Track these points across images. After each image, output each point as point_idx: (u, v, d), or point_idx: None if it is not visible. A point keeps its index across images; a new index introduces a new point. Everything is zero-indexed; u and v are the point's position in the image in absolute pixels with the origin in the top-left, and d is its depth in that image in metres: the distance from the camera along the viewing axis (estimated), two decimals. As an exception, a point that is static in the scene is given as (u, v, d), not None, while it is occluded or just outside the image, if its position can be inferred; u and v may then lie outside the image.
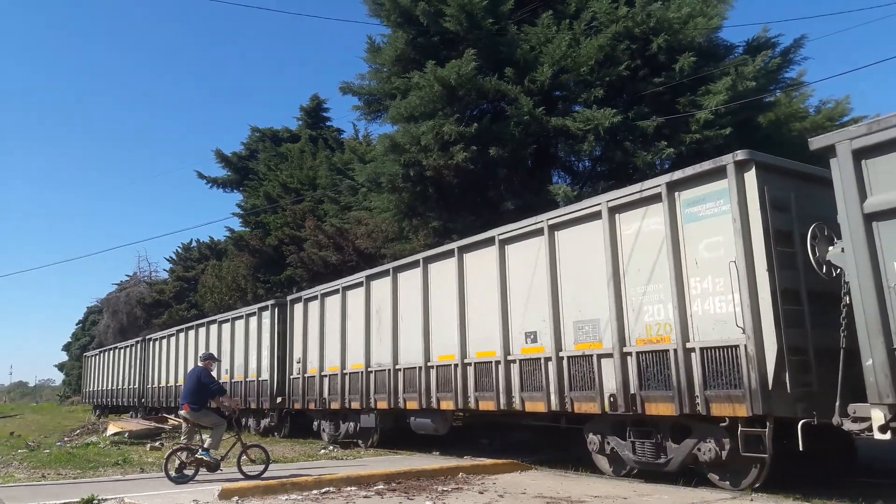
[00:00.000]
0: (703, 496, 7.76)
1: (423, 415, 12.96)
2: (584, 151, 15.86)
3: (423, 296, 13.10)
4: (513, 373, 10.77)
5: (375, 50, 18.34)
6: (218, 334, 22.09)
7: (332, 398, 15.60)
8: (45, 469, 12.15)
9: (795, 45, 16.17)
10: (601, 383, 9.26)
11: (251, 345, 19.78)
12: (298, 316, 17.63)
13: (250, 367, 19.67)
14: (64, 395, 70.05)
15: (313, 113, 38.55)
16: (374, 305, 14.67)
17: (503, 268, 11.31)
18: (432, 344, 12.78)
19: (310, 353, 16.89)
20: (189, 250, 47.70)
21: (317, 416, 16.68)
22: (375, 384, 14.17)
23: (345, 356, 15.36)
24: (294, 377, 17.43)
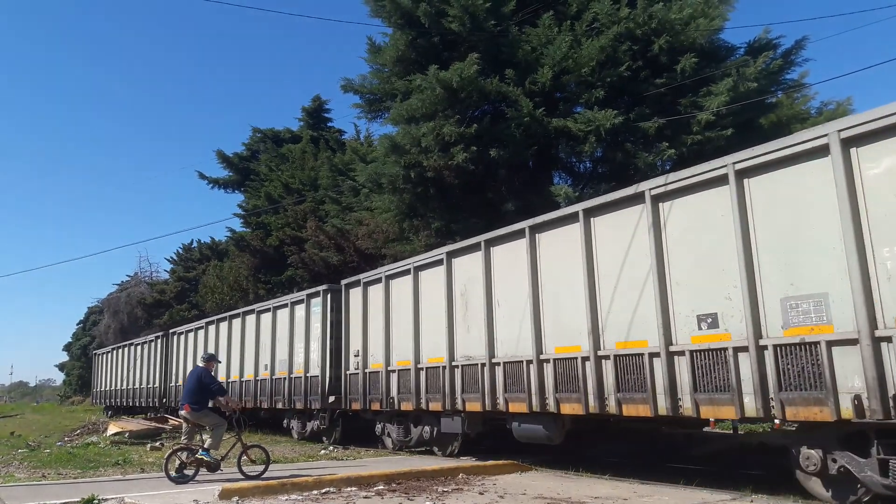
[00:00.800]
0: (704, 497, 7.74)
1: (531, 419, 10.47)
2: (585, 152, 15.85)
3: (530, 273, 10.59)
4: (679, 368, 8.31)
5: (376, 50, 18.35)
6: (255, 326, 19.94)
7: (403, 397, 13.29)
8: (46, 469, 12.16)
9: (797, 47, 16.17)
10: (834, 381, 6.80)
11: (297, 336, 17.59)
12: (356, 302, 15.37)
13: (295, 361, 17.46)
14: (64, 395, 70.08)
15: (315, 114, 38.61)
16: (457, 287, 12.28)
17: (658, 233, 8.71)
18: (545, 332, 10.32)
19: (372, 344, 14.66)
20: (190, 251, 47.76)
21: (380, 418, 14.43)
22: (464, 381, 11.78)
23: (419, 348, 13.09)
24: (351, 373, 15.19)
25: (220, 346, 21.91)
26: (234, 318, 21.48)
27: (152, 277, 54.92)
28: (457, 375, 11.96)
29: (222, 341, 22.05)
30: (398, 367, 13.61)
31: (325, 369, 16.13)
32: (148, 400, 29.06)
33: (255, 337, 19.78)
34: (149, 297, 48.20)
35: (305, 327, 17.13)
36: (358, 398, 14.81)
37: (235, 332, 21.18)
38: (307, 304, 17.21)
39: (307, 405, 16.74)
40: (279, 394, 18.01)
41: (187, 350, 24.90)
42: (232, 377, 20.90)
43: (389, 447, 14.20)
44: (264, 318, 19.56)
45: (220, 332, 22.43)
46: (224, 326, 22.12)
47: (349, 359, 15.41)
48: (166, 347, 27.47)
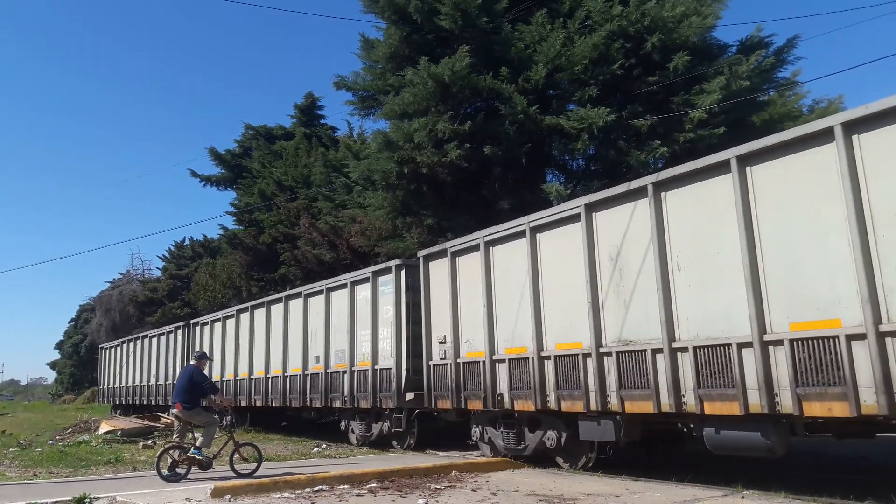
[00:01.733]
0: (695, 493, 7.77)
1: (740, 424, 7.77)
2: (577, 150, 15.91)
3: (742, 222, 7.79)
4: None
5: (369, 46, 18.36)
6: (303, 311, 17.01)
7: (519, 394, 10.57)
8: (37, 468, 12.10)
9: (789, 45, 16.24)
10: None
11: (361, 322, 14.84)
12: (440, 277, 12.67)
13: (359, 352, 14.80)
14: (56, 394, 69.81)
15: (307, 111, 38.51)
16: (603, 250, 9.50)
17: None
18: (771, 302, 7.51)
19: (465, 328, 11.92)
20: (182, 248, 47.60)
21: (478, 420, 11.81)
22: (621, 373, 8.99)
23: (541, 331, 10.32)
24: (436, 363, 12.48)
25: (256, 336, 19.33)
26: (274, 304, 18.71)
27: (144, 275, 54.76)
28: (608, 366, 9.19)
29: (258, 330, 19.35)
30: (508, 356, 10.80)
31: (401, 360, 13.43)
32: (165, 398, 26.21)
33: (302, 324, 16.93)
34: (141, 294, 48.02)
35: (372, 311, 14.38)
36: (446, 395, 12.08)
37: (276, 320, 18.40)
38: (373, 283, 14.46)
39: (376, 403, 14.02)
40: (336, 390, 15.25)
41: (213, 341, 22.34)
42: (272, 372, 18.20)
43: (489, 455, 11.55)
44: (315, 301, 16.72)
45: (254, 319, 19.62)
46: (260, 314, 19.30)
47: (432, 347, 12.68)
48: (187, 339, 24.79)
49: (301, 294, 17.32)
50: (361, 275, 15.11)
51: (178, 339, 25.53)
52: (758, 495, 7.54)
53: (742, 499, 7.42)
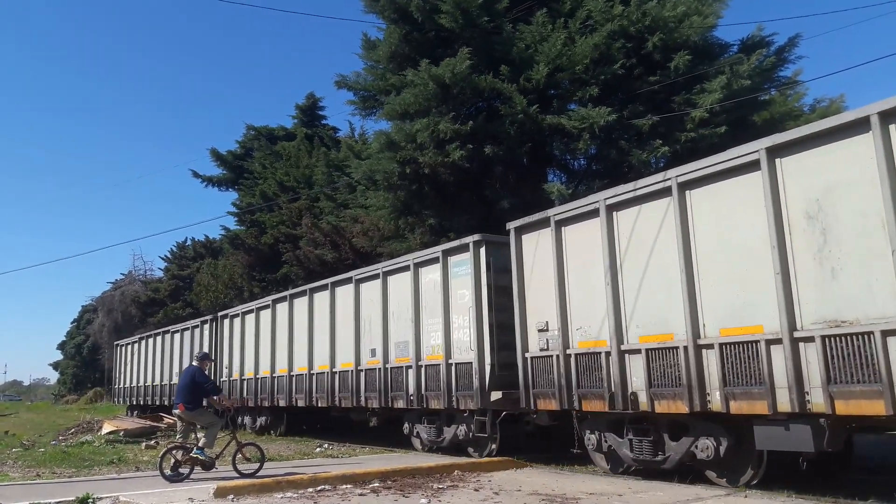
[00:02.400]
0: (698, 493, 7.78)
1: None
2: (579, 150, 15.91)
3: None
4: None
5: (371, 46, 18.37)
6: (355, 299, 15.02)
7: (663, 392, 8.55)
8: (40, 468, 12.12)
9: (790, 44, 16.24)
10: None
11: (428, 310, 12.92)
12: (539, 252, 10.58)
13: (426, 344, 12.84)
14: (59, 394, 69.90)
15: (309, 111, 38.56)
16: (795, 205, 7.49)
17: None
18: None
19: (576, 313, 9.91)
20: (184, 249, 47.65)
21: (594, 424, 9.79)
22: (828, 364, 7.00)
23: (695, 313, 8.32)
24: (535, 355, 10.43)
25: (297, 328, 17.43)
26: (318, 292, 16.74)
27: (146, 276, 54.80)
28: (808, 354, 7.19)
29: (298, 321, 17.37)
30: (644, 346, 8.84)
31: (484, 353, 11.45)
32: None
33: (353, 314, 14.96)
34: (143, 295, 48.08)
35: (443, 296, 12.43)
36: (550, 393, 10.13)
37: (320, 309, 16.43)
38: (444, 264, 12.52)
39: (451, 404, 12.07)
40: (399, 388, 13.39)
41: (245, 335, 20.15)
42: (317, 367, 16.26)
43: (605, 468, 9.83)
44: (368, 287, 14.77)
45: (294, 310, 17.65)
46: (301, 304, 17.33)
47: (528, 336, 10.69)
48: (215, 334, 22.56)
49: (351, 279, 15.19)
50: (428, 255, 13.08)
51: (203, 333, 23.51)
52: (760, 494, 7.55)
53: (745, 498, 7.42)
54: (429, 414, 13.02)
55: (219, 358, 21.59)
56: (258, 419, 19.50)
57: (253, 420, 19.83)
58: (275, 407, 18.29)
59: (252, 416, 19.92)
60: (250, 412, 19.93)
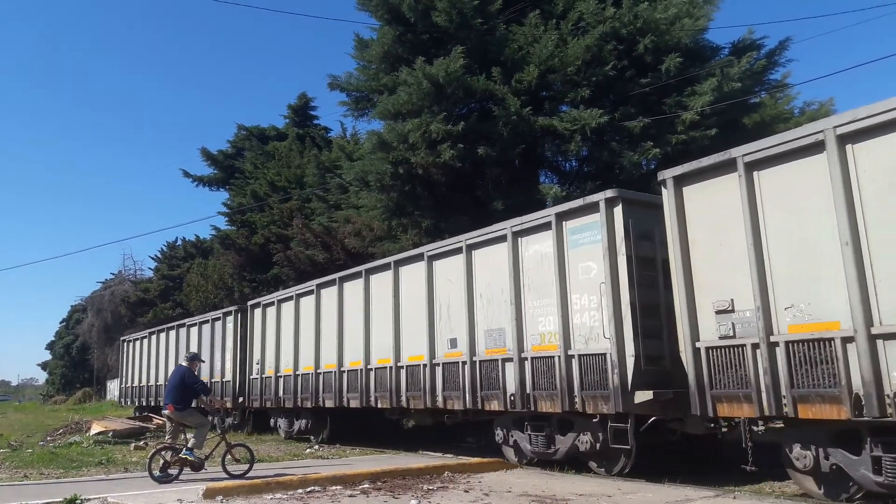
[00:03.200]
0: (687, 493, 7.80)
1: None
2: (570, 151, 15.95)
3: None
4: None
5: (363, 46, 18.36)
6: (427, 278, 12.46)
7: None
8: (28, 469, 12.03)
9: (780, 47, 16.34)
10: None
11: (534, 289, 10.33)
12: (715, 207, 8.11)
13: (532, 331, 10.28)
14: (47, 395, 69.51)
15: (301, 111, 38.51)
16: None
17: None
18: None
19: (784, 285, 7.39)
20: (174, 249, 47.48)
21: (814, 437, 7.22)
22: None
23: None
24: (715, 344, 7.96)
25: (348, 316, 14.92)
26: (375, 273, 14.18)
27: (136, 276, 54.56)
28: None
29: (350, 308, 14.81)
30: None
31: (624, 342, 9.03)
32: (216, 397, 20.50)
33: (425, 296, 12.40)
34: (133, 295, 47.85)
35: (558, 271, 9.88)
36: (743, 395, 7.63)
37: (379, 293, 13.99)
38: (557, 231, 9.95)
39: (571, 405, 9.54)
40: (493, 386, 10.79)
41: (281, 326, 17.73)
42: (375, 362, 13.76)
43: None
44: (445, 265, 12.16)
45: (343, 295, 15.19)
46: (353, 287, 14.78)
47: (697, 319, 8.21)
48: (243, 326, 20.09)
49: (422, 256, 12.70)
50: (533, 221, 10.46)
51: (227, 326, 20.86)
52: (749, 495, 7.58)
53: (734, 499, 7.45)
54: (534, 418, 10.41)
55: (248, 353, 19.44)
56: (296, 422, 17.02)
57: (289, 423, 17.39)
58: (318, 408, 15.81)
59: (288, 418, 17.46)
60: (286, 414, 17.55)
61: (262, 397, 18.24)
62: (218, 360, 21.11)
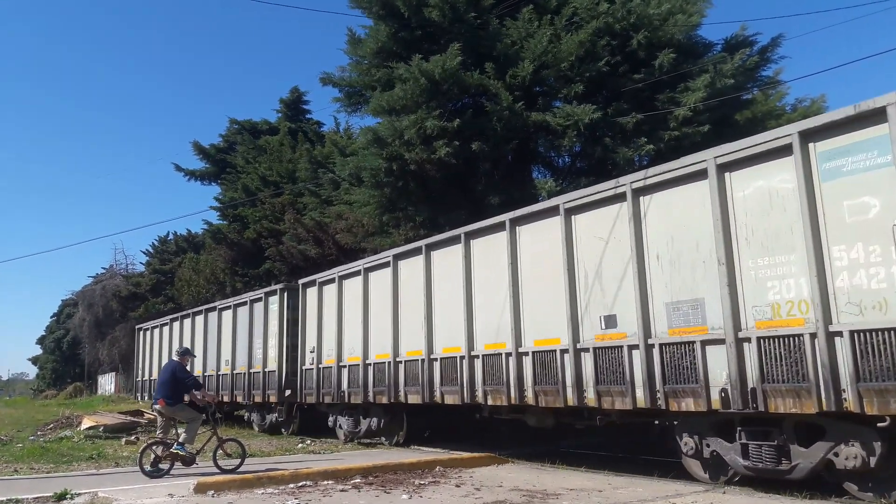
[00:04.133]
0: (677, 489, 7.84)
1: None
2: (563, 147, 15.95)
3: None
4: None
5: (356, 42, 18.27)
6: (564, 238, 9.76)
7: None
8: (18, 463, 11.97)
9: (773, 44, 16.37)
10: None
11: (756, 241, 7.60)
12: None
13: (760, 300, 7.52)
14: (38, 389, 69.22)
15: (293, 105, 38.42)
16: None
17: None
18: None
19: None
20: (166, 243, 47.32)
21: None
22: None
23: None
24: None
25: (438, 292, 12.21)
26: (477, 237, 11.46)
27: (128, 270, 54.32)
28: None
29: (442, 279, 12.14)
30: None
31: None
32: (252, 392, 18.27)
33: (563, 263, 9.68)
34: (124, 289, 47.67)
35: (808, 211, 7.11)
36: None
37: (485, 261, 11.26)
38: (802, 155, 7.21)
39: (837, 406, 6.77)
40: (689, 378, 8.00)
41: (343, 308, 15.00)
42: (480, 347, 11.11)
43: None
44: (588, 219, 9.54)
45: (431, 266, 12.47)
46: (446, 256, 12.14)
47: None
48: (293, 308, 17.20)
49: (557, 210, 9.88)
50: (755, 146, 7.63)
51: (270, 307, 17.92)
52: (739, 491, 7.62)
53: (723, 494, 7.49)
54: (752, 422, 7.65)
55: (301, 339, 16.48)
56: (363, 421, 14.29)
57: (354, 422, 14.59)
58: (393, 405, 13.28)
59: (352, 416, 14.70)
60: (349, 411, 14.77)
61: (318, 391, 15.37)
62: (258, 348, 18.20)
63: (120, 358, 48.70)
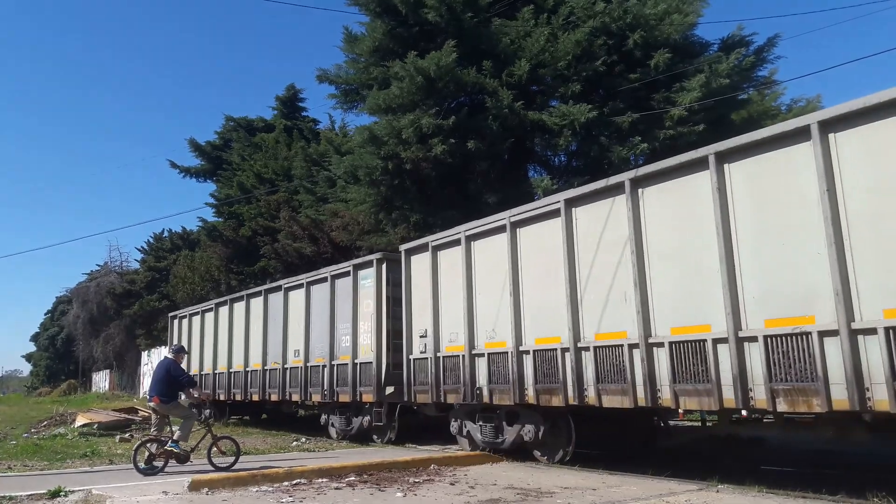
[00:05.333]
0: (671, 487, 7.86)
1: None
2: (560, 146, 15.95)
3: None
4: None
5: (353, 40, 18.25)
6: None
7: None
8: (12, 461, 11.95)
9: (769, 44, 16.40)
10: None
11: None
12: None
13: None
14: (32, 386, 69.05)
15: (289, 103, 38.35)
16: None
17: None
18: None
19: None
20: (161, 240, 47.23)
21: None
22: None
23: None
24: None
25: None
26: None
27: (122, 267, 54.24)
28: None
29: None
30: None
31: None
32: (335, 389, 14.61)
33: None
34: (119, 287, 47.59)
35: None
36: None
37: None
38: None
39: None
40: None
41: (473, 278, 11.38)
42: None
43: None
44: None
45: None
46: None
47: None
48: (397, 284, 13.41)
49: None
50: None
51: (361, 283, 14.37)
52: (732, 489, 7.65)
53: (717, 492, 7.52)
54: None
55: (405, 322, 12.84)
56: (509, 429, 10.65)
57: (494, 431, 10.90)
58: (555, 409, 9.82)
59: (490, 422, 11.01)
60: (484, 415, 11.12)
61: (437, 387, 11.80)
62: (345, 335, 14.52)
63: (114, 355, 48.63)
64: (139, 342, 43.23)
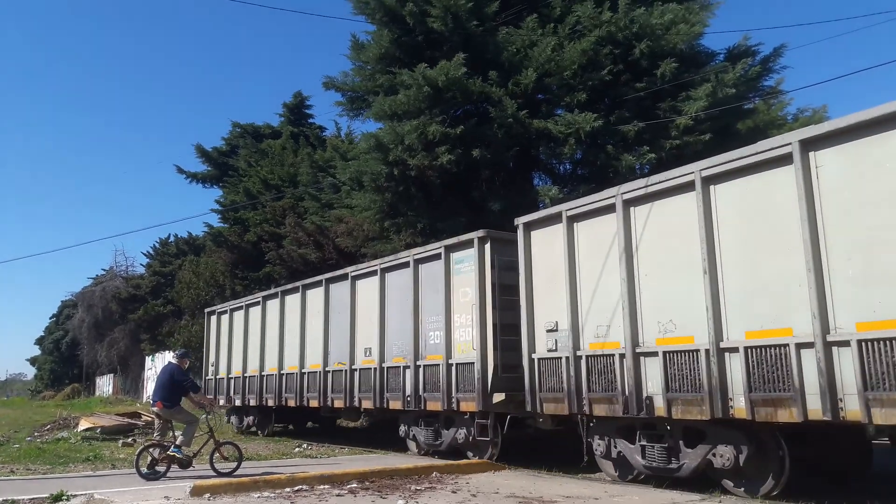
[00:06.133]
0: (673, 498, 7.82)
1: None
2: (565, 154, 15.97)
3: None
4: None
5: (359, 48, 18.34)
6: None
7: None
8: (14, 464, 11.96)
9: (775, 54, 16.42)
10: None
11: None
12: None
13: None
14: (36, 390, 69.18)
15: (296, 110, 38.45)
16: None
17: None
18: None
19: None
20: (166, 245, 47.35)
21: None
22: None
23: None
24: None
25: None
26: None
27: (128, 272, 54.38)
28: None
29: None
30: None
31: None
32: (421, 395, 12.23)
33: None
34: (124, 291, 47.69)
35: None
36: None
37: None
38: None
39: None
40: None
41: (636, 254, 8.85)
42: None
43: None
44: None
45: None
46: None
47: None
48: (508, 267, 11.09)
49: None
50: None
51: (456, 269, 11.94)
52: (734, 500, 7.60)
53: (719, 503, 7.47)
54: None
55: (525, 314, 10.36)
56: (724, 453, 7.82)
57: (666, 454, 8.45)
58: (764, 424, 7.47)
59: (664, 441, 8.53)
60: (647, 432, 8.73)
61: (579, 395, 9.39)
62: (435, 330, 12.16)
63: (118, 360, 48.68)
64: (143, 347, 43.27)
